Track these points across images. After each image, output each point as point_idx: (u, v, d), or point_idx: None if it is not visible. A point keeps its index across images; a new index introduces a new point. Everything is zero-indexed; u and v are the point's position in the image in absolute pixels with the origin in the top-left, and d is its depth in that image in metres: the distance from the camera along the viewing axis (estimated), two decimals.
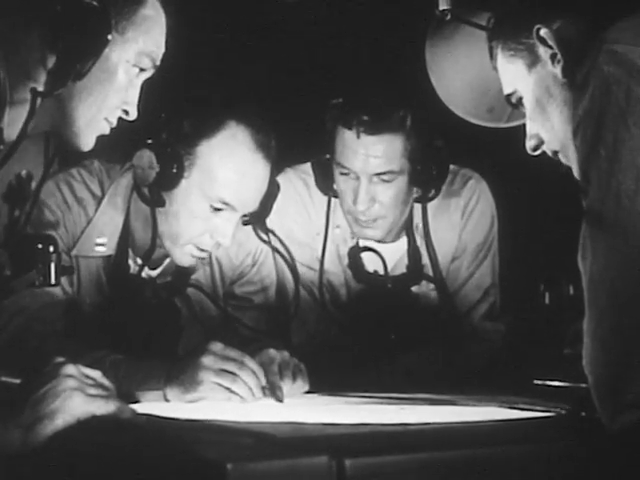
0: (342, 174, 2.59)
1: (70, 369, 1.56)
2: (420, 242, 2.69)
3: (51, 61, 1.69)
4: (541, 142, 1.88)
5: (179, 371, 2.01)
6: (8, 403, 1.55)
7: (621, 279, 1.56)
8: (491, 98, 2.28)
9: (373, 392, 2.14)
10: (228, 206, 2.25)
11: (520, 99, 1.88)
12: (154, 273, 2.41)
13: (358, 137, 2.53)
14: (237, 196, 2.25)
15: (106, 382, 1.60)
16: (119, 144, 2.14)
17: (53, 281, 1.83)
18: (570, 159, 1.79)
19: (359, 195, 2.55)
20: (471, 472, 1.49)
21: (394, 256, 2.69)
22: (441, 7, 2.30)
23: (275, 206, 2.37)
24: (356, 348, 2.63)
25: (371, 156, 2.53)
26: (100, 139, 1.84)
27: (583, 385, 1.81)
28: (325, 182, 2.65)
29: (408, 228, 2.70)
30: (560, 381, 1.94)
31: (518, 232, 2.90)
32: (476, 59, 2.30)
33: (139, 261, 2.36)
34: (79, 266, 2.33)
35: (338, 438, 1.57)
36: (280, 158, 2.35)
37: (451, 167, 2.71)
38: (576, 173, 1.73)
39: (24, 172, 1.88)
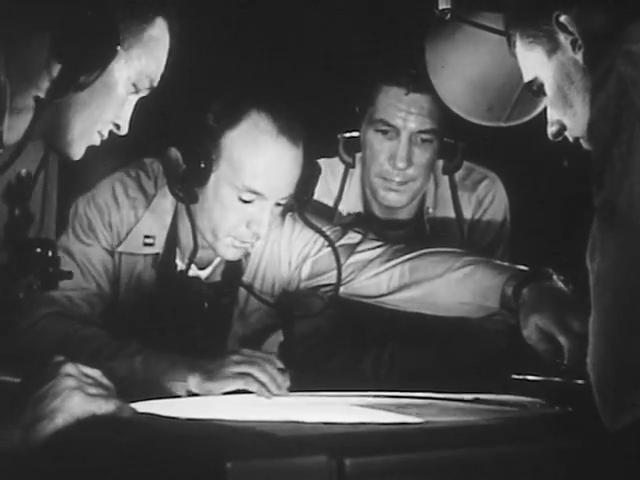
0: (379, 131, 2.61)
1: (70, 368, 1.56)
2: (428, 227, 2.72)
3: (56, 69, 1.70)
4: (563, 128, 1.88)
5: (207, 361, 2.09)
6: (8, 402, 1.54)
7: (629, 279, 1.56)
8: (490, 97, 2.29)
9: (367, 389, 2.14)
10: (258, 195, 2.23)
11: (541, 86, 1.88)
12: (203, 274, 2.41)
13: (407, 94, 2.57)
14: (266, 184, 2.23)
15: (106, 381, 1.60)
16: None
17: (51, 285, 1.83)
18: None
19: (399, 152, 2.59)
20: (471, 471, 1.49)
21: None
22: (441, 6, 2.30)
23: None
24: (353, 344, 2.64)
25: (416, 113, 2.57)
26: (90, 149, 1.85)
27: (557, 379, 1.87)
28: (348, 151, 2.69)
29: (419, 210, 2.73)
30: (538, 376, 1.95)
31: (526, 232, 2.90)
32: (476, 58, 2.30)
33: (187, 261, 2.35)
34: (120, 264, 2.35)
35: (338, 437, 1.56)
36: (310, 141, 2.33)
37: (468, 164, 2.74)
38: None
39: (24, 171, 1.88)
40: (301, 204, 2.35)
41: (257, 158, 2.23)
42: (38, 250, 1.82)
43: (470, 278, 2.27)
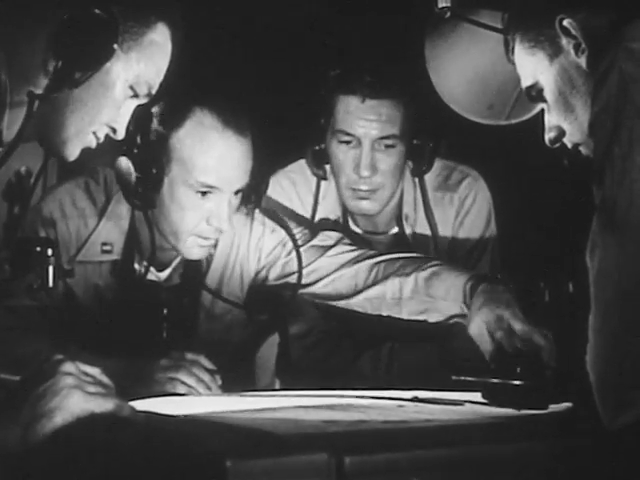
0: (342, 142, 2.61)
1: (69, 366, 1.55)
2: (409, 232, 2.72)
3: (52, 66, 1.69)
4: (562, 134, 1.87)
5: (139, 367, 2.11)
6: (7, 401, 1.54)
7: (629, 276, 1.56)
8: (491, 95, 2.28)
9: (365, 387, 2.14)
10: (213, 188, 2.26)
11: (541, 91, 1.87)
12: (162, 275, 2.41)
13: (363, 101, 2.57)
14: (219, 177, 2.26)
15: (105, 379, 1.59)
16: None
17: (51, 284, 1.83)
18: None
19: (362, 161, 2.58)
20: (470, 469, 1.49)
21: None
22: (440, 5, 2.29)
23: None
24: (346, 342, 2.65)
25: (375, 120, 2.57)
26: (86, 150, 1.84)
27: (495, 380, 1.93)
28: (317, 163, 2.69)
29: (398, 218, 2.72)
30: (477, 377, 1.98)
31: (518, 229, 2.90)
32: (476, 56, 2.30)
33: (145, 263, 2.36)
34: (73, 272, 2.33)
35: (337, 435, 1.56)
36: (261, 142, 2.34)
37: (449, 163, 2.73)
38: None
39: (23, 169, 1.88)
40: (258, 194, 2.37)
41: (206, 154, 2.25)
42: (38, 249, 1.82)
43: (436, 276, 2.32)
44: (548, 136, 1.89)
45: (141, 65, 1.79)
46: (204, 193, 2.25)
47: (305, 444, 1.46)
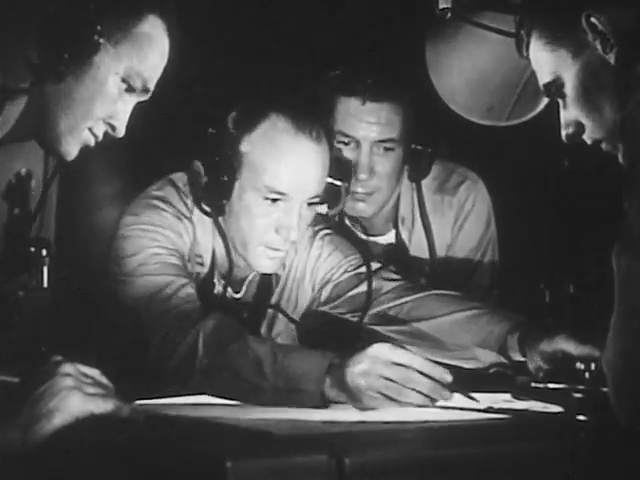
0: (340, 143, 2.59)
1: (68, 368, 1.55)
2: (406, 235, 2.71)
3: (35, 60, 1.69)
4: (581, 130, 1.85)
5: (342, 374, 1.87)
6: (6, 402, 1.54)
7: None
8: (491, 96, 2.28)
9: None
10: (282, 195, 2.18)
11: (561, 87, 1.85)
12: (238, 296, 2.35)
13: (363, 104, 2.55)
14: (289, 183, 2.18)
15: (104, 380, 1.59)
16: None
17: (45, 284, 1.83)
18: (617, 147, 1.72)
19: (360, 163, 2.57)
20: (470, 470, 1.49)
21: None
22: (441, 6, 2.29)
23: None
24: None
25: (375, 123, 2.56)
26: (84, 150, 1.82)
27: (581, 387, 1.82)
28: None
29: (395, 221, 2.72)
30: (558, 383, 1.93)
31: (518, 231, 2.90)
32: (476, 57, 2.29)
33: (223, 282, 2.30)
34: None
35: (338, 436, 1.56)
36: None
37: (447, 165, 2.73)
38: (622, 161, 1.68)
39: (24, 170, 1.88)
40: (336, 203, 2.31)
41: (277, 158, 2.18)
42: (32, 249, 1.82)
43: (475, 321, 2.26)
44: (566, 132, 1.86)
45: (132, 58, 1.78)
46: (274, 200, 2.19)
47: (305, 445, 1.46)
